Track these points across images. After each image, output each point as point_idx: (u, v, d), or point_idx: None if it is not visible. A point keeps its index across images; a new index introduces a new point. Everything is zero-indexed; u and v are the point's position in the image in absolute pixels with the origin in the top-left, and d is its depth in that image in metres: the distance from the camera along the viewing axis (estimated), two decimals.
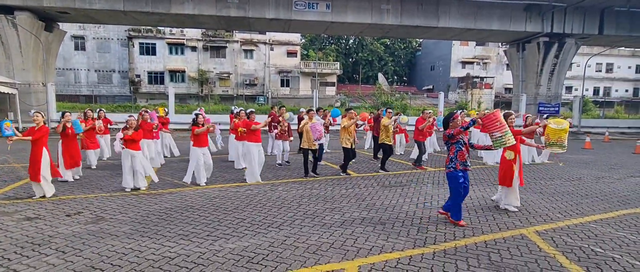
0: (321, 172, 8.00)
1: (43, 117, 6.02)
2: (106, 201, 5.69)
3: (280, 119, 8.84)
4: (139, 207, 5.37)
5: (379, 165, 8.69)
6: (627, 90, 46.86)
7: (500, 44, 36.85)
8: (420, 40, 51.15)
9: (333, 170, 8.61)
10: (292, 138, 9.26)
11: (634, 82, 46.80)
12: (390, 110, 9.05)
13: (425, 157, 9.68)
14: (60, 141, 7.11)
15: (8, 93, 16.94)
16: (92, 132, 8.30)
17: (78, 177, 7.26)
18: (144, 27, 33.86)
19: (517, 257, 3.72)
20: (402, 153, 11.49)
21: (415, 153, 9.43)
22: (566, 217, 5.12)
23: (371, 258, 3.67)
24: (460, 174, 4.62)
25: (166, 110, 8.80)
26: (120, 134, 7.47)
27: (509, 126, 5.31)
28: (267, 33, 36.75)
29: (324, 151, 9.58)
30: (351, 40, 53.52)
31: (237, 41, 37.57)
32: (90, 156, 8.34)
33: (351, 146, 7.84)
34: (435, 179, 7.73)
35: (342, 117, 8.13)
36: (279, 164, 9.12)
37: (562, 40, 22.13)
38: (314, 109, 9.43)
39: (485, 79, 43.37)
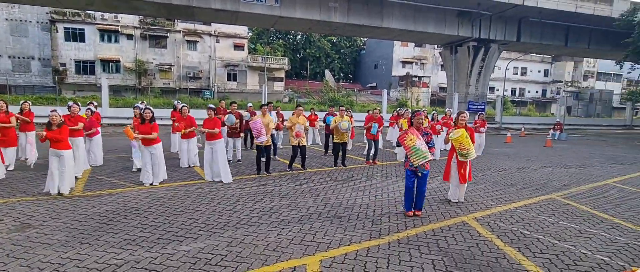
0: (274, 169, 7.93)
1: None
2: (33, 205, 5.02)
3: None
4: (74, 211, 4.83)
5: (334, 161, 8.84)
6: (537, 91, 54.09)
7: (436, 46, 39.71)
8: (365, 39, 52.96)
9: (285, 166, 8.60)
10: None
11: (542, 84, 54.15)
12: (343, 108, 9.28)
13: (372, 152, 9.89)
14: None
15: None
16: (3, 129, 7.13)
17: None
18: (69, 10, 30.13)
19: (461, 243, 4.11)
20: (351, 148, 11.87)
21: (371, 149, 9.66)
22: (497, 204, 5.76)
23: (331, 252, 3.77)
24: (408, 173, 4.97)
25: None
26: None
27: (457, 126, 5.69)
28: (212, 24, 35.04)
29: (278, 147, 9.49)
30: (299, 36, 53.47)
31: (179, 31, 35.18)
32: (7, 154, 7.25)
33: (298, 143, 7.90)
34: (383, 173, 8.13)
35: (292, 114, 8.16)
36: (229, 160, 8.83)
37: (488, 45, 24.78)
38: (265, 104, 9.30)
39: (422, 78, 46.42)
